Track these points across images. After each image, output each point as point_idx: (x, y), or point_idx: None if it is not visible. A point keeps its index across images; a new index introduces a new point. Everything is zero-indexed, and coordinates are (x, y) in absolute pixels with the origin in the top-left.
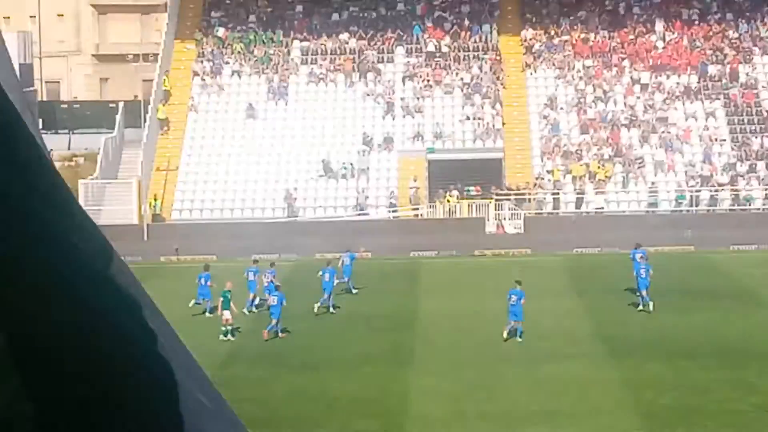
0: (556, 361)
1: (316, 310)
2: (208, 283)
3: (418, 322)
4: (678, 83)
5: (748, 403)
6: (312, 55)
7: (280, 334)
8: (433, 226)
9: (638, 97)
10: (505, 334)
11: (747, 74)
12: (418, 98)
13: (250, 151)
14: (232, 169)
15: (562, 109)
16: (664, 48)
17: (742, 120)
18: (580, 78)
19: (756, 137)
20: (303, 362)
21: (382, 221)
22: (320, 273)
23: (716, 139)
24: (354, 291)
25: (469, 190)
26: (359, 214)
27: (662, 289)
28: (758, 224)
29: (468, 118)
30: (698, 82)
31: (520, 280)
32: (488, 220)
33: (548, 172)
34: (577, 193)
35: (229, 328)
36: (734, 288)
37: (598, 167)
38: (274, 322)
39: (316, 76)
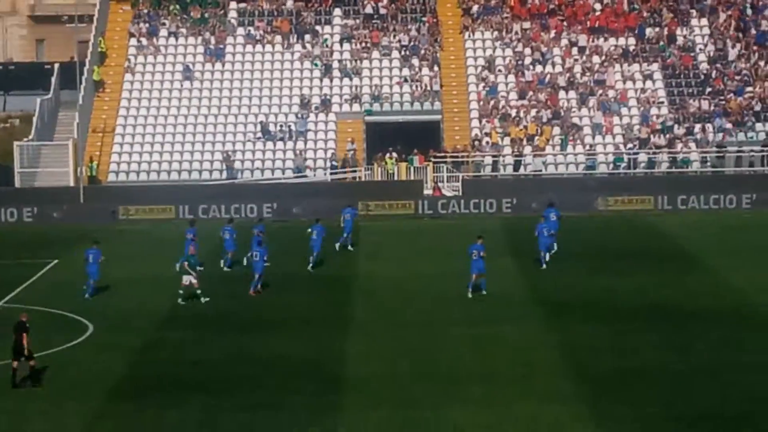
0: (494, 323)
1: (310, 268)
2: (194, 237)
3: (359, 284)
4: (616, 46)
5: (684, 365)
6: (249, 16)
7: (258, 288)
8: (372, 188)
9: (576, 60)
10: (470, 291)
11: (684, 37)
12: (355, 60)
13: (186, 113)
14: (168, 130)
15: (500, 71)
16: (601, 10)
17: (680, 83)
18: (518, 40)
19: (693, 100)
20: (243, 324)
21: (320, 183)
22: (309, 230)
23: (654, 102)
24: (351, 248)
25: (411, 160)
26: (298, 176)
27: (599, 252)
28: (695, 186)
29: (406, 81)
30: (636, 45)
31: (482, 235)
32: (426, 182)
33: (486, 134)
34: (516, 156)
35: (198, 291)
36: (672, 250)
37: (536, 130)
38: (257, 277)
39: (253, 37)
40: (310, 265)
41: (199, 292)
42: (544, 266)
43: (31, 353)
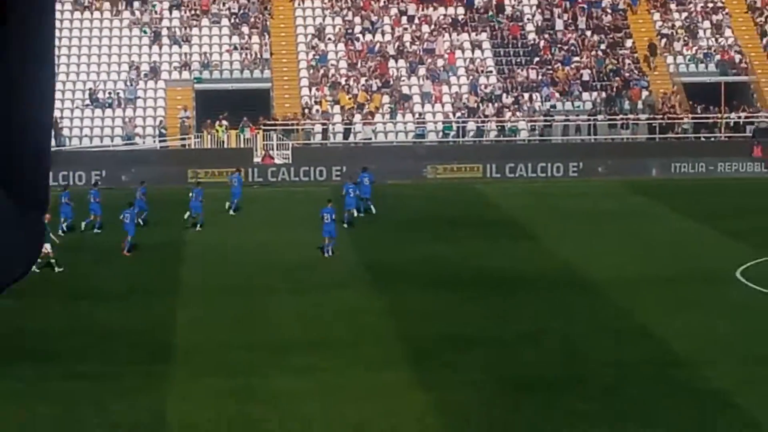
0: (322, 291)
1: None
2: (66, 200)
3: (187, 253)
4: (445, 15)
5: (512, 332)
6: None
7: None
8: (201, 155)
9: (406, 29)
10: (324, 252)
11: (513, 6)
12: (185, 27)
13: None
14: None
15: (330, 39)
16: None
17: (508, 52)
18: (348, 9)
19: (521, 69)
20: (71, 293)
21: (150, 151)
22: (190, 193)
23: (482, 71)
24: (232, 212)
25: (243, 130)
26: (127, 144)
27: (428, 219)
28: (523, 155)
29: (236, 48)
30: (465, 14)
31: (331, 199)
32: (256, 150)
33: (316, 102)
34: (345, 124)
35: (53, 261)
36: (500, 218)
37: (366, 98)
38: (129, 238)
39: (81, 4)
40: (198, 226)
41: (53, 261)
42: (345, 225)
43: None
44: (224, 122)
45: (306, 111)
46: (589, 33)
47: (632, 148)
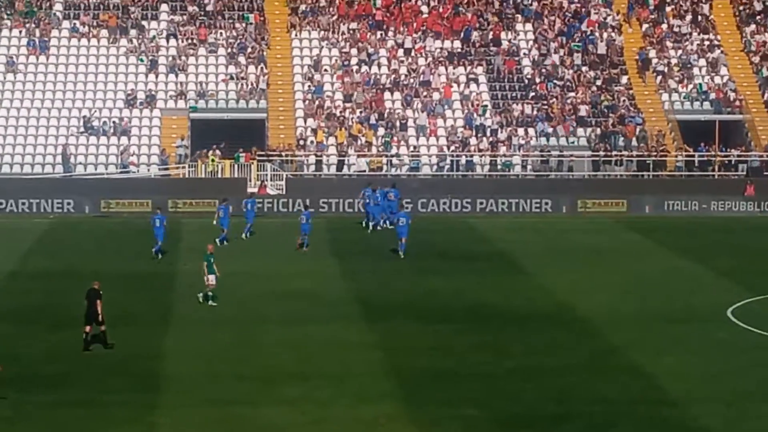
0: (314, 323)
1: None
2: (163, 224)
3: (178, 282)
4: (441, 48)
5: (501, 367)
6: (75, 9)
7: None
8: (195, 185)
9: (402, 61)
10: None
11: (509, 41)
12: (181, 56)
13: (9, 106)
14: None
15: (326, 71)
16: (429, 13)
17: (504, 86)
18: (345, 41)
19: (517, 104)
20: (59, 320)
21: (142, 180)
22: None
23: (478, 105)
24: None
25: (238, 158)
26: (121, 172)
27: (421, 253)
28: (517, 190)
29: (232, 78)
30: (461, 48)
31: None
32: (250, 180)
33: (313, 131)
34: (339, 156)
35: (210, 293)
36: (491, 253)
37: (361, 130)
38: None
39: (78, 31)
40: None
41: (210, 294)
42: (379, 228)
43: (103, 319)
44: (218, 152)
45: (301, 142)
46: (585, 68)
47: (626, 185)
